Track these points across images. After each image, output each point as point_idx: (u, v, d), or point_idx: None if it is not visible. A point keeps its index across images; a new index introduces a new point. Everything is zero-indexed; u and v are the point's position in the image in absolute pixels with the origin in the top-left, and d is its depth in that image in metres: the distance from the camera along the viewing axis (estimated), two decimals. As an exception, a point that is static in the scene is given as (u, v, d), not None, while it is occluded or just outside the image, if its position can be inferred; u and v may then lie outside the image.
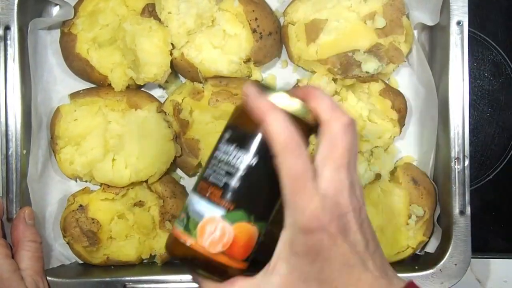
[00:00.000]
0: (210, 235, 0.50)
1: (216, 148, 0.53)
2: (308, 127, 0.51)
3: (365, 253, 0.49)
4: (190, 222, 0.51)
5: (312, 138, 0.53)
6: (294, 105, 0.50)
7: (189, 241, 0.51)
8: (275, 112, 0.49)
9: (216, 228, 0.50)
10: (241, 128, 0.52)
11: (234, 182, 0.50)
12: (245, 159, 0.50)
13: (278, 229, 0.50)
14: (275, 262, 0.50)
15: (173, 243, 0.52)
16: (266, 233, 0.52)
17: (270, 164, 0.49)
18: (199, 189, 0.52)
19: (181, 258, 0.52)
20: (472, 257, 0.75)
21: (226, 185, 0.50)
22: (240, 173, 0.50)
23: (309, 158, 0.49)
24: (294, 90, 0.53)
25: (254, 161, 0.50)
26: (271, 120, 0.48)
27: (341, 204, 0.48)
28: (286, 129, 0.48)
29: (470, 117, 0.75)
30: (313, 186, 0.48)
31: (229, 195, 0.50)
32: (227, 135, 0.52)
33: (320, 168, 0.49)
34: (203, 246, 0.50)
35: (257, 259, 0.52)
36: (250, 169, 0.50)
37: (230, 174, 0.50)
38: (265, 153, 0.49)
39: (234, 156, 0.50)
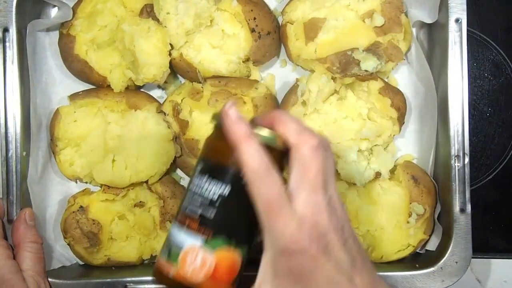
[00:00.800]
0: (192, 264, 0.51)
1: (190, 181, 0.53)
2: (280, 153, 0.52)
3: (352, 270, 0.49)
4: (172, 252, 0.52)
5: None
6: (262, 133, 0.51)
7: (172, 271, 0.51)
8: (249, 140, 0.49)
9: (197, 257, 0.51)
10: (212, 159, 0.52)
11: (210, 212, 0.51)
12: (218, 188, 0.50)
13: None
14: (259, 283, 0.50)
15: (158, 273, 0.53)
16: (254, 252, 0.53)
17: (246, 191, 0.49)
18: (179, 220, 0.53)
19: (168, 287, 0.53)
20: (472, 257, 0.74)
21: (202, 216, 0.51)
22: (214, 203, 0.50)
23: (283, 184, 0.49)
24: (262, 117, 0.53)
25: (227, 191, 0.50)
26: (245, 148, 0.49)
27: (320, 225, 0.48)
28: (259, 157, 0.48)
29: (469, 115, 0.75)
30: (289, 210, 0.48)
31: (206, 224, 0.51)
32: (199, 168, 0.53)
33: (295, 192, 0.49)
34: (186, 276, 0.51)
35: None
36: (224, 198, 0.50)
37: (205, 205, 0.51)
38: (239, 180, 0.50)
39: (207, 187, 0.51)
